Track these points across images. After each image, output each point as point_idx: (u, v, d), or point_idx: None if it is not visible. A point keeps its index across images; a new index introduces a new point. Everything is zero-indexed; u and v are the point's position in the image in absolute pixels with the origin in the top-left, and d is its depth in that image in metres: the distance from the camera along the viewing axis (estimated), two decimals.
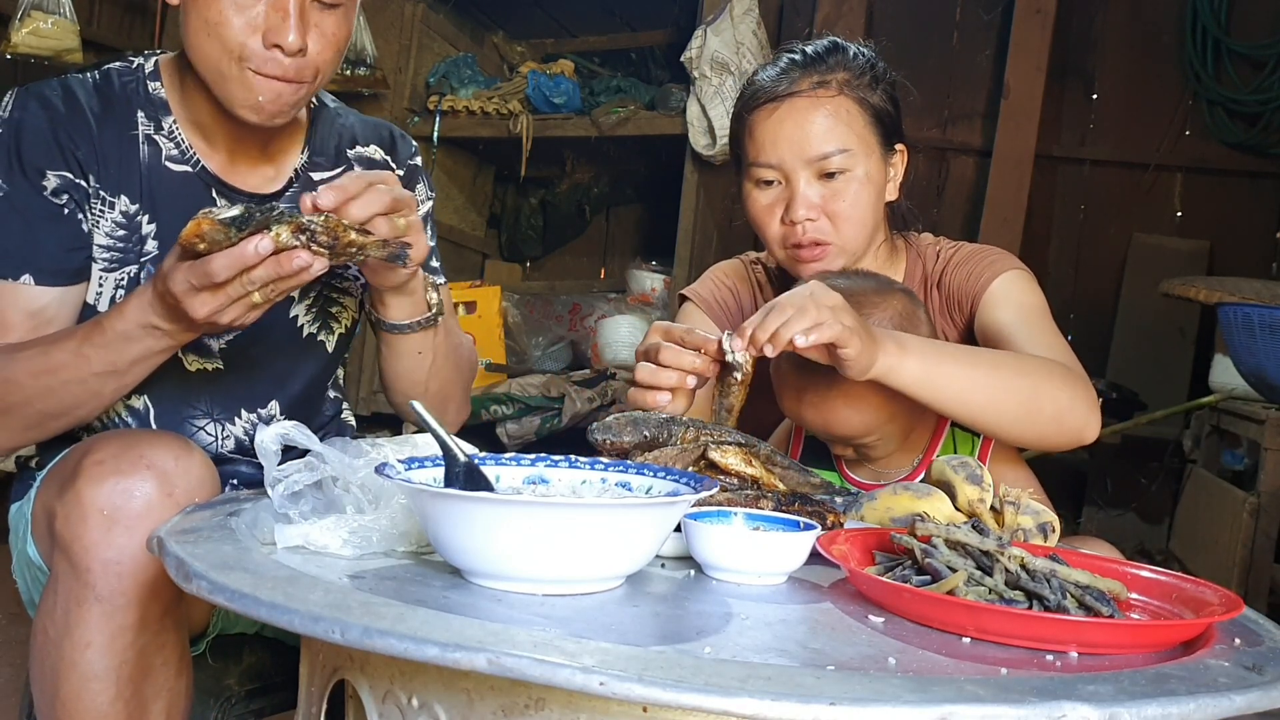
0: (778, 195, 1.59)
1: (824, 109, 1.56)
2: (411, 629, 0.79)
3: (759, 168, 1.59)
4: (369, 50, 3.83)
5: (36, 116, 1.39)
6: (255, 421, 1.54)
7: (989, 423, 1.39)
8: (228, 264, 1.15)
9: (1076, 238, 4.34)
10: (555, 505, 0.96)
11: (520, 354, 4.13)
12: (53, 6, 3.47)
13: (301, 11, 1.34)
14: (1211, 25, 4.12)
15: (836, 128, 1.56)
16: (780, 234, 1.60)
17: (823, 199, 1.57)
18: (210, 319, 1.19)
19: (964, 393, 1.35)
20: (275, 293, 1.20)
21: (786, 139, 1.56)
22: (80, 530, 1.17)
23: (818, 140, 1.56)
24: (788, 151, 1.56)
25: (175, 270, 1.19)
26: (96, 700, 1.20)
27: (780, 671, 0.78)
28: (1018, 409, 1.37)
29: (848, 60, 1.61)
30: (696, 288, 1.78)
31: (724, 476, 1.26)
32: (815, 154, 1.56)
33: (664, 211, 4.09)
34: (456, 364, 1.57)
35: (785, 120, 1.57)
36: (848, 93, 1.58)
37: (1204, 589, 1.03)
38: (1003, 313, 1.55)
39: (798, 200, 1.56)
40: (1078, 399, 1.39)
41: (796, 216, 1.56)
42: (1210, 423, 3.45)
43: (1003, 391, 1.36)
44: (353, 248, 1.21)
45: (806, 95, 1.57)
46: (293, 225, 1.16)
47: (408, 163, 1.64)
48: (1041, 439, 1.41)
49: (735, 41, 3.54)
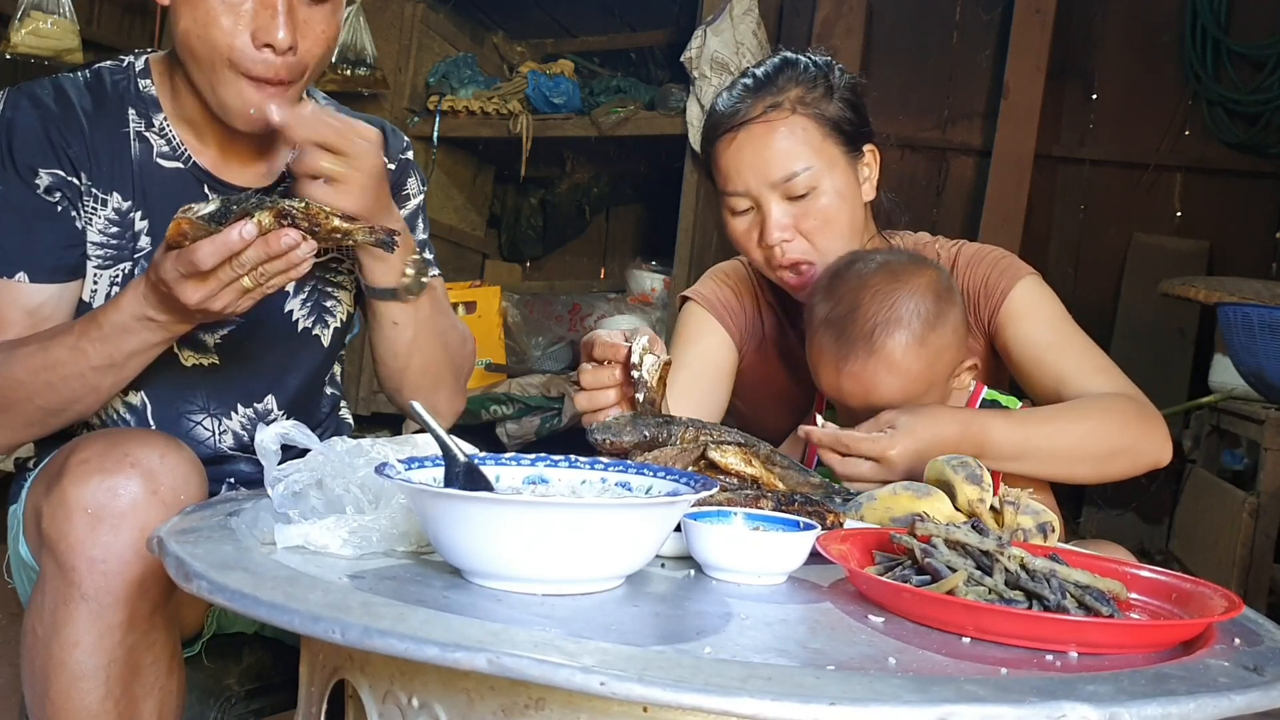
0: (752, 220, 1.61)
1: (779, 131, 1.57)
2: (411, 629, 0.79)
3: (730, 196, 1.61)
4: (369, 50, 3.83)
5: (28, 115, 1.39)
6: (252, 417, 1.55)
7: (1066, 479, 1.51)
8: (213, 250, 1.16)
9: (1076, 238, 4.34)
10: (555, 505, 0.96)
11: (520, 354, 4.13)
12: (53, 6, 3.47)
13: (290, 9, 1.34)
14: (1211, 25, 4.12)
15: (795, 148, 1.56)
16: (762, 257, 1.62)
17: (794, 219, 1.57)
18: (202, 305, 1.20)
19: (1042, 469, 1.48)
20: (266, 279, 1.20)
21: (748, 166, 1.57)
22: (65, 529, 1.18)
23: (778, 163, 1.56)
24: (752, 178, 1.57)
25: (164, 259, 1.20)
26: (86, 699, 1.20)
27: (780, 671, 0.78)
28: (1094, 465, 1.49)
29: (798, 75, 1.61)
30: (699, 288, 1.79)
31: (724, 476, 1.26)
32: (778, 177, 1.56)
33: (664, 211, 4.09)
34: (445, 344, 1.56)
35: (744, 148, 1.58)
36: (801, 110, 1.58)
37: (1204, 589, 1.03)
38: (1033, 329, 1.58)
39: (770, 224, 1.57)
40: (1149, 433, 1.49)
41: (771, 240, 1.58)
42: (1210, 423, 3.45)
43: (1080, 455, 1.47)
44: (337, 234, 1.22)
45: (760, 120, 1.57)
46: (273, 211, 1.17)
47: (399, 157, 1.64)
48: (1118, 476, 1.51)
49: (735, 41, 3.54)
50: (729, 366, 1.74)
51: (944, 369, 1.49)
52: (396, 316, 1.48)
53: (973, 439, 1.42)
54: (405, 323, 1.49)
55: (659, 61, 4.34)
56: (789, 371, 1.76)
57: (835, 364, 1.47)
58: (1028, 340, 1.58)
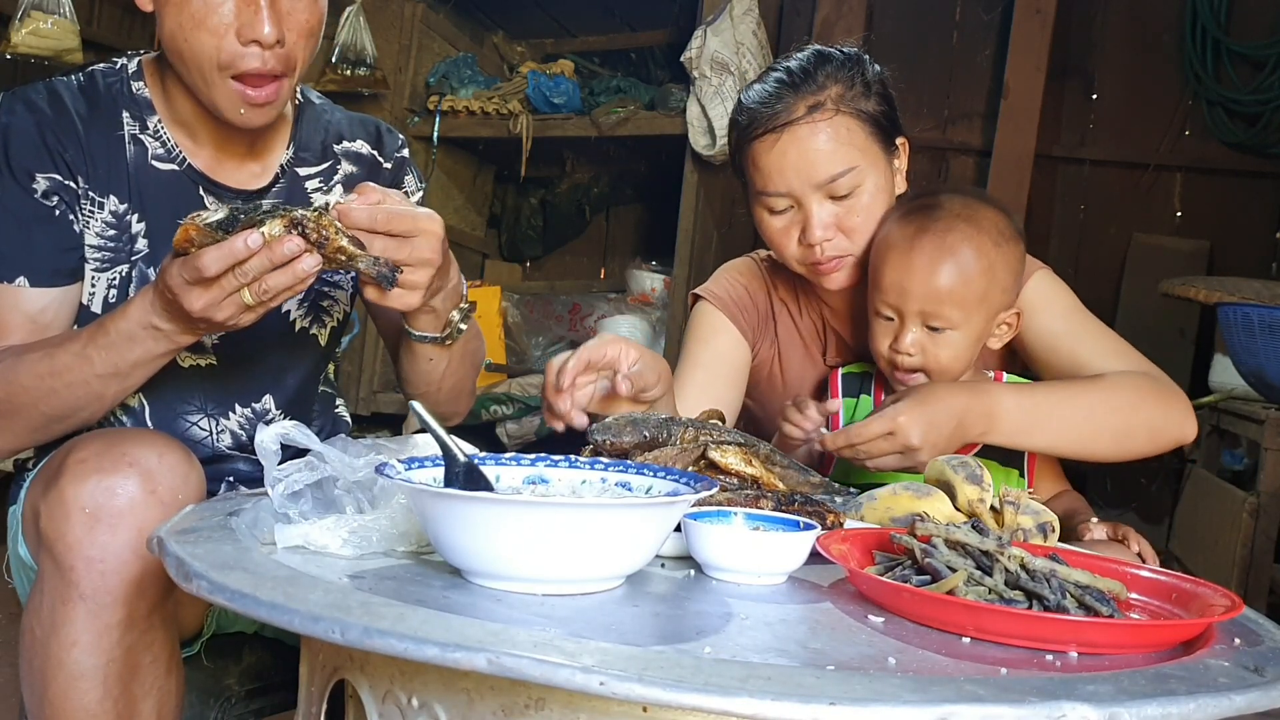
0: (791, 219, 1.60)
1: (824, 133, 1.55)
2: (411, 629, 0.79)
3: (769, 196, 1.59)
4: (369, 50, 3.82)
5: (23, 120, 1.40)
6: (250, 416, 1.55)
7: (1085, 456, 1.50)
8: (218, 257, 1.15)
9: (1076, 238, 4.34)
10: (555, 505, 0.96)
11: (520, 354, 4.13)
12: (53, 6, 3.47)
13: (272, 2, 1.34)
14: (1211, 25, 4.12)
15: (840, 149, 1.55)
16: (799, 254, 1.61)
17: (836, 218, 1.57)
18: (205, 314, 1.19)
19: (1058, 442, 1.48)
20: (270, 295, 1.19)
21: (792, 168, 1.55)
22: (64, 529, 1.18)
23: (824, 165, 1.55)
24: (795, 180, 1.56)
25: (171, 265, 1.20)
26: (84, 699, 1.20)
27: (780, 671, 0.78)
28: (1112, 440, 1.48)
29: (836, 71, 1.59)
30: (711, 287, 1.78)
31: (724, 476, 1.26)
32: (823, 178, 1.55)
33: (664, 211, 4.09)
34: (473, 364, 1.58)
35: (788, 150, 1.55)
36: (844, 109, 1.56)
37: (1204, 589, 1.03)
38: (1048, 321, 1.60)
39: (813, 223, 1.56)
40: (1169, 408, 1.49)
41: (814, 239, 1.57)
42: (1210, 423, 3.45)
43: (1095, 429, 1.47)
44: (342, 255, 1.20)
45: (804, 122, 1.55)
46: (285, 220, 1.17)
47: (395, 155, 1.65)
48: (1140, 453, 1.51)
49: (735, 41, 3.54)
50: (742, 364, 1.74)
51: (997, 296, 1.51)
52: (431, 353, 1.47)
53: (981, 406, 1.43)
54: (439, 358, 1.48)
55: (659, 61, 4.34)
56: (801, 369, 1.76)
57: (905, 249, 1.50)
58: (1043, 331, 1.59)
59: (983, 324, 1.52)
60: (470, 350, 1.55)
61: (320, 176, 1.58)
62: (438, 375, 1.50)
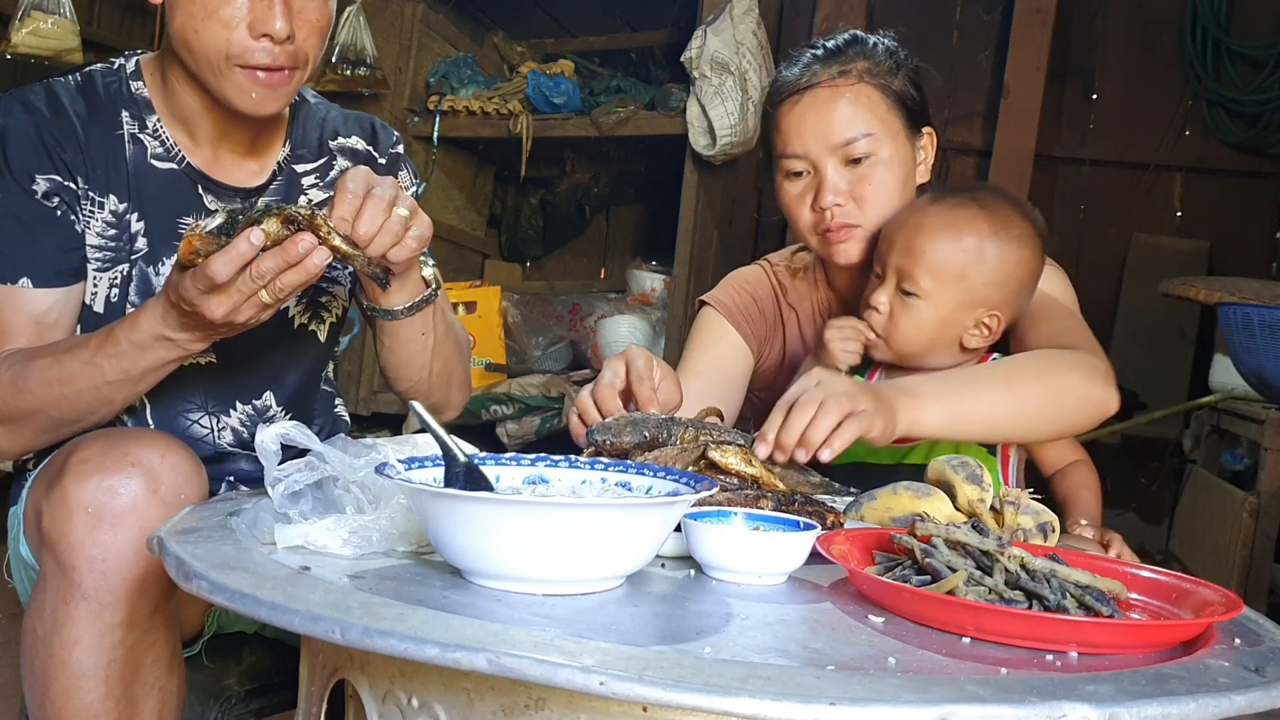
0: (807, 184, 1.63)
1: (845, 96, 1.60)
2: (411, 629, 0.80)
3: (787, 159, 1.63)
4: (369, 50, 3.82)
5: (22, 121, 1.40)
6: (251, 414, 1.55)
7: (1020, 436, 1.49)
8: (226, 262, 1.16)
9: (1076, 238, 4.33)
10: (555, 505, 0.96)
11: (520, 354, 4.13)
12: (53, 6, 3.47)
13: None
14: (1211, 25, 4.12)
15: (858, 113, 1.60)
16: (811, 221, 1.64)
17: (850, 184, 1.60)
18: (228, 319, 1.21)
19: (989, 420, 1.41)
20: (284, 290, 1.20)
21: (810, 128, 1.60)
22: (66, 528, 1.18)
23: (840, 127, 1.59)
24: (812, 140, 1.60)
25: (181, 279, 1.20)
26: (86, 699, 1.20)
27: (780, 671, 0.78)
28: (1040, 414, 1.44)
29: (867, 50, 1.66)
30: (717, 294, 1.80)
31: (724, 476, 1.26)
32: (839, 140, 1.59)
33: (664, 211, 4.09)
34: (456, 340, 1.59)
35: (808, 111, 1.61)
36: (868, 79, 1.62)
37: (1204, 589, 1.03)
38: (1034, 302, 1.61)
39: (826, 187, 1.60)
40: (1091, 378, 1.45)
41: (825, 203, 1.60)
42: (1210, 423, 3.45)
43: (1023, 402, 1.42)
44: (336, 253, 1.22)
45: (827, 85, 1.61)
46: (280, 217, 1.18)
47: (389, 151, 1.65)
48: (1073, 428, 1.48)
49: (735, 41, 3.53)
50: (741, 373, 1.75)
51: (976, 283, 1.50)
52: (423, 326, 1.47)
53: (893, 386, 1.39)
54: (429, 329, 1.48)
55: (659, 61, 4.33)
56: None
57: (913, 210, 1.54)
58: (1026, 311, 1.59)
59: (953, 307, 1.51)
60: (451, 324, 1.57)
61: (317, 173, 1.59)
62: (429, 353, 1.50)
